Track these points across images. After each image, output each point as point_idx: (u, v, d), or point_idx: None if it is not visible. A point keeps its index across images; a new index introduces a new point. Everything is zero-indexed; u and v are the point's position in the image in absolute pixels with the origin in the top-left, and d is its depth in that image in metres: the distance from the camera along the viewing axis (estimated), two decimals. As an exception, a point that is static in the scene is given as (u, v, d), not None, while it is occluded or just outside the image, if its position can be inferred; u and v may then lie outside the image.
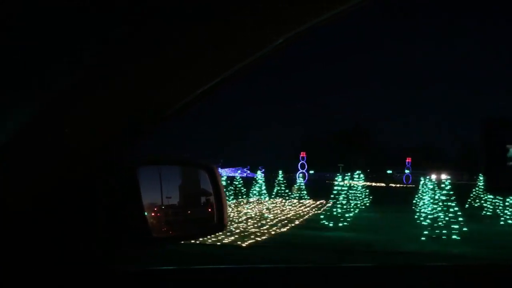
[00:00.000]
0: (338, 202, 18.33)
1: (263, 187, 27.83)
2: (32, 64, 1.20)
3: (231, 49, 1.18)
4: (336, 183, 19.18)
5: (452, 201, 14.67)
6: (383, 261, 10.44)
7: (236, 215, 21.13)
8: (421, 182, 25.79)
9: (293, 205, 26.04)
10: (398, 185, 50.29)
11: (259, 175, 28.21)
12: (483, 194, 25.06)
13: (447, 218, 14.87)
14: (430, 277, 2.16)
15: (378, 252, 12.52)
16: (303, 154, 47.36)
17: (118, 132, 1.33)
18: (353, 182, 21.67)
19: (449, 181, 15.44)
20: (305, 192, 27.23)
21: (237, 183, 27.09)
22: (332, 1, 1.07)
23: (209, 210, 1.61)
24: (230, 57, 1.20)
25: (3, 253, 1.29)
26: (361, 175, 24.43)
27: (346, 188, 19.66)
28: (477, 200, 26.07)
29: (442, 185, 14.97)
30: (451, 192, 14.70)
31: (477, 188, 26.89)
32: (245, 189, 27.84)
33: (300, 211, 23.54)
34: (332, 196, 18.93)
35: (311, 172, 39.55)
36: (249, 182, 28.89)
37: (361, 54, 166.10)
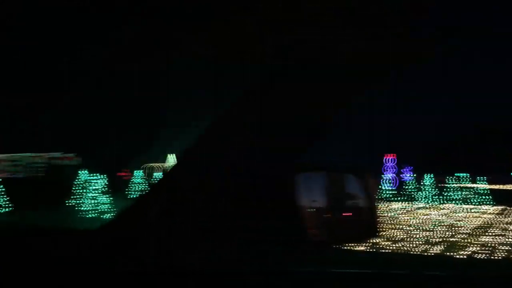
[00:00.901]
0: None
1: (431, 191, 25.69)
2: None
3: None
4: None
5: None
6: None
7: (416, 221, 19.55)
8: None
9: (471, 211, 23.38)
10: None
11: (427, 179, 26.10)
12: None
13: None
14: None
15: None
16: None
17: (300, 138, 1.49)
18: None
19: None
20: (489, 197, 24.38)
21: (407, 187, 25.48)
22: None
23: (354, 214, 1.69)
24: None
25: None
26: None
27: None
28: None
29: None
30: None
31: None
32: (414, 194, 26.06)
33: (486, 218, 20.94)
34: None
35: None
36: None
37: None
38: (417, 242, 14.19)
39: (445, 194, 26.65)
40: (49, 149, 54.02)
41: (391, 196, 26.11)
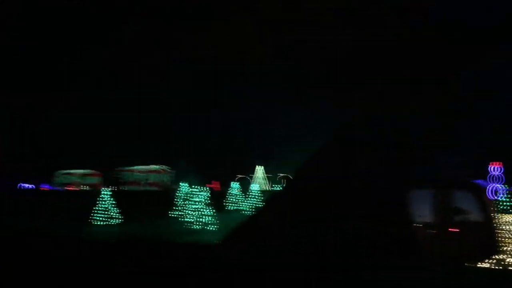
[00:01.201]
0: None
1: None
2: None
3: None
4: None
5: None
6: None
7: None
8: None
9: None
10: None
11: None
12: None
13: None
14: None
15: None
16: None
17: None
18: None
19: None
20: None
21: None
22: None
23: (464, 230, 1.83)
24: None
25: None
26: None
27: None
28: None
29: None
30: None
31: None
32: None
33: None
34: None
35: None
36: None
37: None
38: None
39: None
40: (146, 163, 57.28)
41: (507, 207, 23.90)
